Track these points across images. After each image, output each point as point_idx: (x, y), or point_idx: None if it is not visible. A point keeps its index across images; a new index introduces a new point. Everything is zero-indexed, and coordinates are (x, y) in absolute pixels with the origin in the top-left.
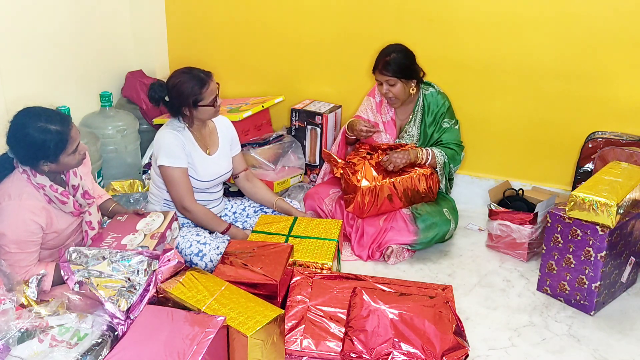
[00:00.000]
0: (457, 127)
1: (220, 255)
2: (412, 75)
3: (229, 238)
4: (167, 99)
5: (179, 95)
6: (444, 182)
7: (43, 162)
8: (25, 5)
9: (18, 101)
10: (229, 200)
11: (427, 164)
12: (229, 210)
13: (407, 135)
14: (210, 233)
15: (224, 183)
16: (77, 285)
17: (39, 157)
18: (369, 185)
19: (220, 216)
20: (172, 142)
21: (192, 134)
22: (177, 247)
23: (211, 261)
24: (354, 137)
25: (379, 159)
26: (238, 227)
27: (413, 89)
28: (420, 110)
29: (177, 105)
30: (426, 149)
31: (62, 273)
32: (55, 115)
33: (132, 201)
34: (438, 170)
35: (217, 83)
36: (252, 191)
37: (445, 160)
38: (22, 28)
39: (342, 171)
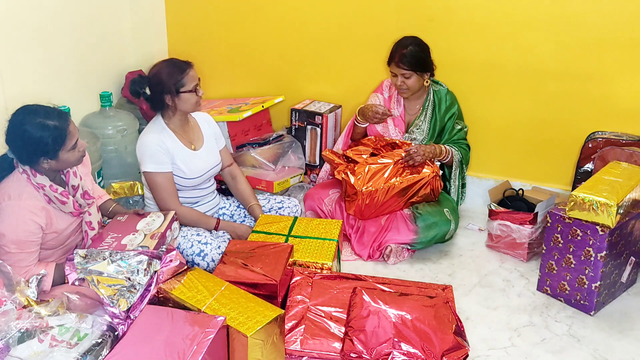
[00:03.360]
0: (466, 129)
1: (222, 255)
2: (427, 68)
3: (230, 237)
4: (148, 92)
5: (160, 82)
6: (457, 192)
7: (43, 159)
8: (25, 5)
9: (18, 101)
10: (227, 199)
11: (446, 160)
12: (227, 209)
13: (417, 129)
14: (210, 232)
15: (219, 181)
16: (77, 281)
17: (39, 154)
18: (370, 189)
19: (217, 210)
20: (154, 147)
21: (174, 133)
22: (178, 248)
23: (213, 261)
24: (364, 126)
25: (404, 149)
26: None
27: (427, 82)
28: (430, 105)
29: (158, 94)
30: (445, 146)
31: (66, 268)
32: (52, 111)
33: (131, 202)
34: (453, 169)
35: (199, 78)
36: (234, 189)
37: (460, 159)
38: (21, 28)
39: (343, 175)
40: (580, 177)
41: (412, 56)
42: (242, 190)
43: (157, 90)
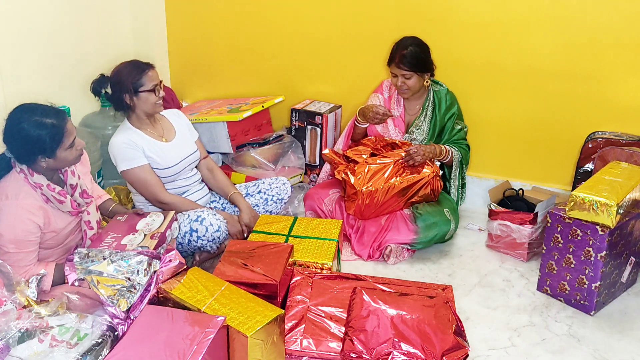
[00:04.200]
0: (466, 129)
1: (219, 220)
2: (427, 68)
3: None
4: (110, 91)
5: (119, 81)
6: (457, 192)
7: (41, 157)
8: (25, 6)
9: (18, 101)
10: (220, 196)
11: (446, 160)
12: (217, 202)
13: (417, 129)
14: None
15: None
16: (77, 281)
17: (36, 153)
18: (370, 188)
19: (209, 203)
20: (123, 145)
21: (141, 130)
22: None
23: (211, 224)
24: (365, 126)
25: (404, 149)
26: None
27: (427, 82)
28: (430, 105)
29: (118, 93)
30: (445, 146)
31: (66, 268)
32: (50, 110)
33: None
34: (453, 169)
35: (161, 81)
36: (213, 181)
37: (460, 159)
38: (22, 29)
39: (343, 175)
40: (580, 177)
41: (412, 57)
42: (221, 182)
43: (116, 90)
